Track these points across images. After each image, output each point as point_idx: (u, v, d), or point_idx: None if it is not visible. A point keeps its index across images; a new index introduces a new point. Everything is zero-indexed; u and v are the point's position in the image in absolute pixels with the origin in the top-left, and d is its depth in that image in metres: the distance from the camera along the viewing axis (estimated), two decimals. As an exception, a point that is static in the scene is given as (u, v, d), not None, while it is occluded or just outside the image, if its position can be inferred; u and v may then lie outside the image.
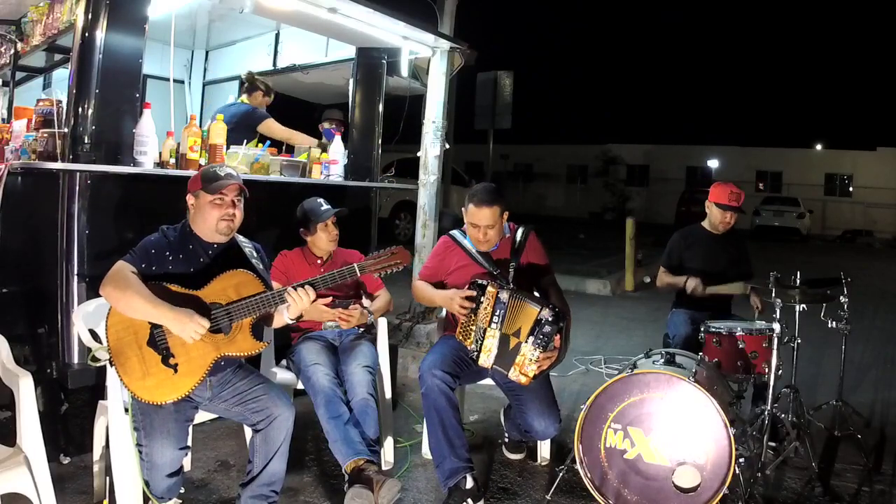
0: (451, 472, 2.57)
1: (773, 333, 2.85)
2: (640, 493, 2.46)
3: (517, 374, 2.55)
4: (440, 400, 2.62)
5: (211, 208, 2.25)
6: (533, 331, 2.53)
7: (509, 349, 2.58)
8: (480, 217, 2.78)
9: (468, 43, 4.65)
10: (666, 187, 27.54)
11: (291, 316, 2.29)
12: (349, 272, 2.33)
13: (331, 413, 2.59)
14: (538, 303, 2.56)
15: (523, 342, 2.54)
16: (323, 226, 2.99)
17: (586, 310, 7.02)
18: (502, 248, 2.92)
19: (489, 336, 2.60)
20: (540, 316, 2.52)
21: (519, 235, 2.94)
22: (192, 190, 2.30)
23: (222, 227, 2.28)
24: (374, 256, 2.39)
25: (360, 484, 2.43)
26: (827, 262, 13.09)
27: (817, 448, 3.22)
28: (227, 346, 2.20)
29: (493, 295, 2.61)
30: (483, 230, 2.80)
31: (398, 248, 2.41)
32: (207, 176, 2.28)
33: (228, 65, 5.65)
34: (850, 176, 27.49)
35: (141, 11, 2.92)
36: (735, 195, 3.60)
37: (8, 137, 3.19)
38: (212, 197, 2.25)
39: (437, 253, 3.03)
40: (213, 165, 2.44)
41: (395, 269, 2.39)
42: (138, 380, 2.10)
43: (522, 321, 2.56)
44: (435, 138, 4.59)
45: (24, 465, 2.02)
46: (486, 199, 2.77)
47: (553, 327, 2.52)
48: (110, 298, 2.10)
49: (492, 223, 2.79)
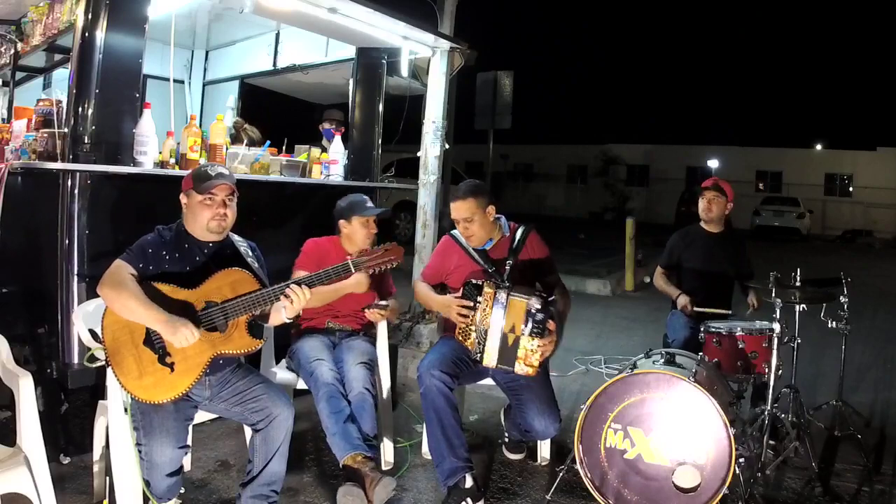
0: (451, 471, 2.57)
1: (773, 333, 2.85)
2: (640, 494, 2.46)
3: (523, 367, 2.58)
4: (439, 400, 2.62)
5: (202, 208, 2.26)
6: (526, 322, 2.55)
7: (509, 345, 2.60)
8: (457, 210, 2.85)
9: (468, 43, 4.64)
10: (666, 187, 27.52)
11: (289, 315, 2.29)
12: (343, 268, 2.35)
13: (332, 408, 2.59)
14: (525, 294, 2.59)
15: (520, 335, 2.57)
16: (364, 221, 2.97)
17: (586, 310, 7.02)
18: (501, 246, 2.93)
19: (491, 336, 2.61)
20: (528, 306, 2.56)
21: (518, 234, 2.94)
22: (184, 189, 2.31)
23: (213, 227, 2.28)
24: (367, 253, 2.42)
25: (352, 482, 2.44)
26: (827, 262, 13.09)
27: (817, 448, 3.22)
28: (224, 345, 2.20)
29: (490, 295, 2.62)
30: (462, 224, 2.85)
31: (392, 244, 2.45)
32: (198, 175, 2.29)
33: (228, 65, 5.64)
34: (850, 176, 27.48)
35: (141, 11, 2.92)
36: (713, 179, 3.67)
37: (8, 137, 3.20)
38: (202, 197, 2.26)
39: (438, 252, 3.05)
40: (204, 164, 2.44)
41: (388, 265, 2.43)
42: (135, 379, 2.10)
43: (515, 316, 2.58)
44: (435, 138, 4.59)
45: (24, 465, 2.02)
46: (460, 193, 2.84)
47: (544, 314, 2.55)
48: (106, 299, 2.11)
49: (468, 216, 2.83)
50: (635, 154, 30.43)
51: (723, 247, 3.69)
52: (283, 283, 2.24)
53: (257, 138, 4.54)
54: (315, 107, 5.93)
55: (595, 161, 30.14)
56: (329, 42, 4.68)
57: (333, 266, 2.36)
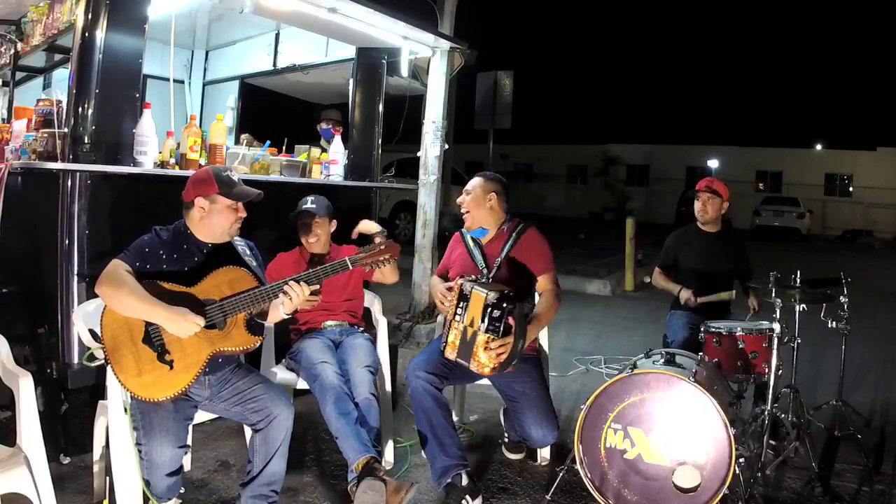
0: (444, 470, 2.57)
1: (773, 333, 2.85)
2: (640, 494, 2.46)
3: (477, 365, 2.53)
4: (426, 400, 2.62)
5: (228, 213, 2.28)
6: (483, 317, 2.49)
7: (467, 339, 2.55)
8: (469, 184, 3.01)
9: (468, 43, 4.65)
10: (666, 187, 27.52)
11: (287, 311, 2.29)
12: (341, 265, 2.36)
13: (340, 410, 2.57)
14: (486, 288, 2.52)
15: (477, 331, 2.51)
16: (300, 223, 3.06)
17: (586, 310, 7.02)
18: (497, 241, 2.95)
19: (453, 328, 2.59)
20: (486, 301, 2.48)
21: (516, 230, 2.95)
22: (205, 194, 2.26)
23: (234, 231, 2.33)
24: (364, 250, 2.43)
25: (372, 476, 2.41)
26: (827, 262, 13.08)
27: (817, 448, 3.22)
28: (222, 342, 2.20)
29: (458, 287, 2.61)
30: (462, 195, 2.98)
31: (389, 242, 2.46)
32: (223, 181, 2.27)
33: (228, 65, 5.64)
34: (850, 176, 27.48)
35: (141, 11, 2.92)
36: (707, 181, 3.68)
37: (8, 137, 3.19)
38: (231, 202, 2.27)
39: (448, 247, 3.15)
40: (219, 167, 2.43)
41: (386, 262, 2.43)
42: (134, 377, 2.10)
43: (475, 309, 2.53)
44: (435, 138, 4.60)
45: (24, 465, 2.02)
46: (481, 173, 3.06)
47: (500, 310, 2.46)
48: (105, 297, 2.10)
49: (469, 189, 2.96)
50: (635, 154, 30.43)
51: (720, 246, 3.69)
52: (282, 280, 2.25)
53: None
54: (315, 107, 5.94)
55: (595, 161, 30.16)
56: (329, 42, 4.69)
57: (331, 263, 2.37)
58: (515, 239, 2.92)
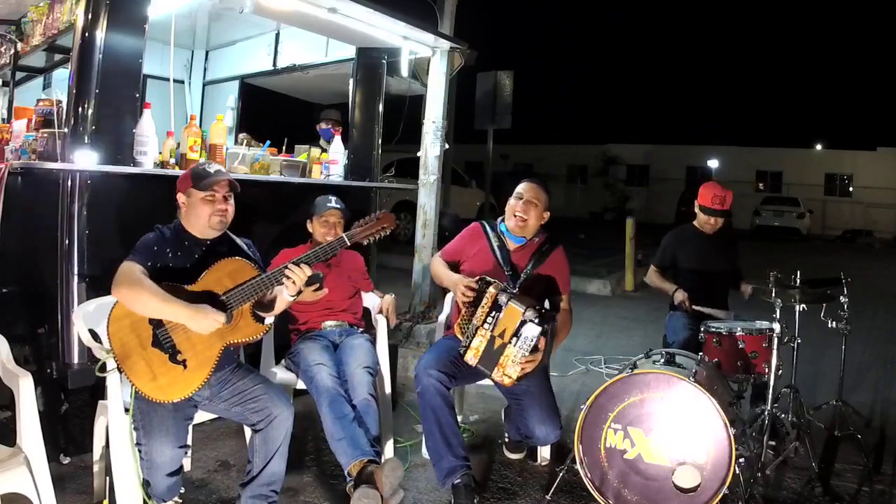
0: (449, 470, 2.57)
1: (773, 333, 2.85)
2: (640, 494, 2.46)
3: (500, 376, 2.53)
4: (436, 399, 2.62)
5: (203, 205, 2.29)
6: (517, 332, 2.50)
7: (494, 349, 2.55)
8: (529, 190, 2.90)
9: (468, 43, 4.65)
10: (666, 187, 27.52)
11: (291, 293, 2.30)
12: (339, 242, 2.39)
13: (335, 413, 2.58)
14: (525, 304, 2.52)
15: (508, 343, 2.51)
16: (322, 220, 3.05)
17: (586, 310, 7.02)
18: (525, 251, 2.94)
19: (479, 336, 2.58)
20: (524, 317, 2.48)
21: (546, 246, 2.95)
22: (182, 189, 2.33)
23: (215, 223, 2.32)
24: (360, 224, 2.44)
25: (368, 484, 2.42)
26: (827, 262, 13.08)
27: (817, 448, 3.22)
28: (232, 335, 2.22)
29: (492, 297, 2.59)
30: (523, 203, 2.88)
31: (383, 212, 2.48)
32: (197, 174, 2.31)
33: (228, 65, 5.64)
34: (850, 176, 27.48)
35: (141, 11, 2.92)
36: (719, 198, 3.59)
37: (8, 137, 3.19)
38: (203, 194, 2.28)
39: (463, 235, 3.06)
40: (200, 163, 2.46)
41: (382, 233, 2.46)
42: (150, 381, 2.11)
43: (508, 322, 2.53)
44: (435, 138, 4.59)
45: (24, 465, 2.02)
46: (538, 181, 2.96)
47: (536, 329, 2.47)
48: (125, 299, 2.11)
49: (534, 200, 2.88)
50: (635, 154, 30.42)
51: (718, 245, 3.70)
52: (282, 265, 2.27)
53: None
54: (315, 107, 5.93)
55: (595, 161, 30.14)
56: (329, 42, 4.68)
57: (329, 242, 2.39)
58: (545, 255, 2.93)
